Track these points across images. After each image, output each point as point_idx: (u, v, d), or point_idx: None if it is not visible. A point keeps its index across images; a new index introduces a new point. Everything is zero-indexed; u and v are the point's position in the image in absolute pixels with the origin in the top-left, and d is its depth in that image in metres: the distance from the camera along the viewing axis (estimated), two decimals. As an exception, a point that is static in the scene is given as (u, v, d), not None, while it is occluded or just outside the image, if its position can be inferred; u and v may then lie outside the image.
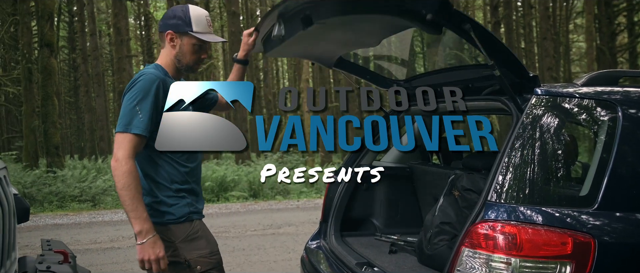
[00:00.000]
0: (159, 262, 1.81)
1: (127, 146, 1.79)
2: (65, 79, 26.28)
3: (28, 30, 13.10)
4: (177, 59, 1.99)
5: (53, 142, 11.60)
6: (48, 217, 8.46)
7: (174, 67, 2.01)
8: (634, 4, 18.16)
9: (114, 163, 1.79)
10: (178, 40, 1.97)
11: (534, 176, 1.64)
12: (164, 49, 2.00)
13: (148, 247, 1.80)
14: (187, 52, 1.98)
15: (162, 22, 1.99)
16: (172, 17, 1.97)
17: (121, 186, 1.78)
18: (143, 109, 1.81)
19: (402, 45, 2.81)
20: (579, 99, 1.82)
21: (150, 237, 1.81)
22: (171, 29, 1.97)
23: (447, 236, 2.17)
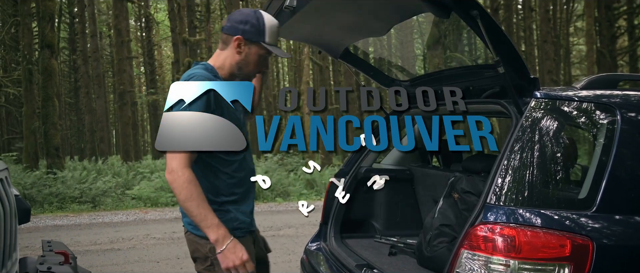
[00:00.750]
0: (245, 265, 1.68)
1: (180, 155, 1.65)
2: (65, 81, 26.30)
3: (29, 32, 13.13)
4: (238, 66, 1.85)
5: (53, 143, 11.61)
6: (48, 218, 8.47)
7: (230, 73, 1.87)
8: (634, 7, 18.19)
9: (169, 176, 1.66)
10: (246, 48, 1.83)
11: (533, 178, 1.65)
12: (224, 52, 1.86)
13: (229, 254, 1.66)
14: (251, 62, 1.85)
15: (230, 24, 1.83)
16: (244, 22, 1.81)
17: (184, 198, 1.65)
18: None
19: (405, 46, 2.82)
20: (578, 103, 1.83)
21: (229, 243, 1.66)
22: (242, 34, 1.81)
23: (446, 238, 2.18)
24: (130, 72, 22.04)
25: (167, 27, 27.29)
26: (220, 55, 1.87)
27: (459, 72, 2.44)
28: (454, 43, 13.95)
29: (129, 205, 10.13)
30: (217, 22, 28.15)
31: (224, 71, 1.87)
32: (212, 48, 25.06)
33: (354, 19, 2.21)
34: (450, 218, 2.21)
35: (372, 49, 25.59)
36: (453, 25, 12.97)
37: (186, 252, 6.00)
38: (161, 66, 35.05)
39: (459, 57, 13.80)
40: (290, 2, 1.98)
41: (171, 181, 1.66)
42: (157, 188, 10.81)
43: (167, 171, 1.67)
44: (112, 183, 11.07)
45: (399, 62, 27.65)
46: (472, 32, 1.79)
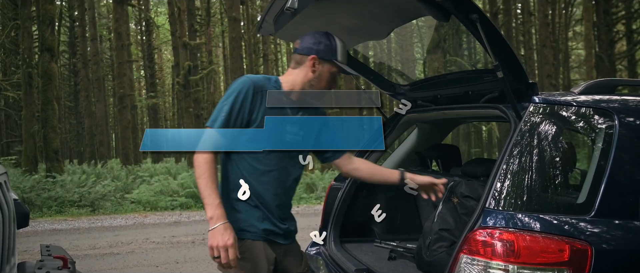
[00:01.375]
0: (227, 249, 1.77)
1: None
2: (65, 84, 26.32)
3: (29, 35, 13.16)
4: (310, 84, 1.97)
5: (52, 147, 11.60)
6: (47, 222, 8.45)
7: (300, 89, 1.98)
8: (632, 12, 18.24)
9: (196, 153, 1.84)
10: (319, 66, 1.95)
11: (532, 183, 1.65)
12: (296, 70, 1.98)
13: (217, 234, 1.77)
14: (323, 80, 1.97)
15: (304, 45, 1.97)
16: (318, 42, 1.95)
17: (198, 174, 1.82)
18: (226, 109, 1.85)
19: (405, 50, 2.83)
20: (577, 107, 1.84)
21: (221, 224, 1.78)
22: (316, 54, 1.94)
23: (446, 242, 2.18)
24: (130, 76, 22.05)
25: (167, 31, 27.34)
26: (292, 73, 2.00)
27: (458, 77, 2.45)
28: (454, 47, 13.97)
29: (128, 209, 10.12)
30: (217, 26, 28.21)
31: (295, 87, 1.98)
32: (213, 52, 25.10)
33: (355, 22, 2.21)
34: (449, 222, 2.21)
35: (372, 53, 25.65)
36: (453, 30, 13.00)
37: (185, 255, 5.97)
38: (161, 70, 35.09)
39: (458, 61, 13.83)
40: (291, 3, 1.99)
41: (195, 158, 1.83)
42: (157, 192, 10.80)
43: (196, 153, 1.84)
44: (111, 186, 11.06)
45: (399, 67, 27.70)
46: (471, 37, 1.79)
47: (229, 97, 1.86)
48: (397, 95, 2.85)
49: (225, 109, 1.85)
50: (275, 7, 2.19)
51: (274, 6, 2.19)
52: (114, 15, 16.90)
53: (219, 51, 31.43)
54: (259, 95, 1.88)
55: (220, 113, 1.85)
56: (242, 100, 1.85)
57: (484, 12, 1.71)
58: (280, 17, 2.22)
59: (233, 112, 1.84)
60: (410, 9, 2.04)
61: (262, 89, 1.89)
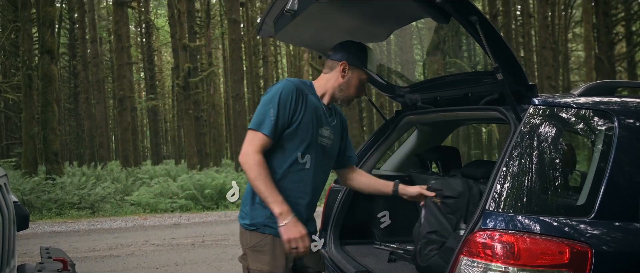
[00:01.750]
0: (303, 239, 1.88)
1: (256, 142, 1.91)
2: (65, 86, 26.33)
3: (29, 37, 13.16)
4: (340, 88, 2.08)
5: (52, 149, 11.60)
6: (46, 224, 8.44)
7: (331, 95, 2.09)
8: (632, 13, 18.26)
9: (243, 158, 1.90)
10: (349, 72, 2.06)
11: (532, 185, 1.65)
12: (327, 75, 2.09)
13: (291, 227, 1.88)
14: (352, 86, 2.08)
15: (337, 51, 2.09)
16: (349, 49, 2.07)
17: (254, 177, 1.89)
18: (273, 112, 1.92)
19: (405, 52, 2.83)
20: (577, 109, 1.84)
21: (291, 218, 1.88)
22: (347, 60, 2.05)
23: (436, 245, 2.18)
24: (130, 78, 22.06)
25: (167, 33, 27.37)
26: (322, 78, 2.11)
27: (457, 79, 2.45)
28: (454, 49, 13.99)
29: (128, 211, 10.11)
30: (217, 28, 28.23)
31: (325, 91, 2.09)
32: (212, 53, 25.11)
33: (354, 24, 2.22)
34: (435, 223, 2.21)
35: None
36: (452, 32, 13.01)
37: (185, 258, 5.97)
38: (161, 72, 35.11)
39: (458, 63, 13.84)
40: (291, 5, 2.00)
41: (243, 162, 1.91)
42: (157, 194, 10.80)
43: (242, 154, 1.92)
44: (111, 189, 11.05)
45: (399, 69, 27.70)
46: (471, 39, 1.80)
47: (273, 101, 1.93)
48: (397, 97, 2.85)
49: (272, 112, 1.91)
50: (275, 9, 2.20)
51: (274, 8, 2.19)
52: (113, 17, 16.91)
53: (219, 53, 31.45)
54: (300, 98, 1.97)
55: (267, 117, 1.91)
56: (286, 103, 1.93)
57: (484, 14, 1.71)
58: (280, 19, 2.22)
59: (279, 115, 1.92)
60: (410, 11, 2.05)
61: (302, 93, 1.98)
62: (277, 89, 1.96)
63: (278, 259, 1.98)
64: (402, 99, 2.83)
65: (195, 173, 13.31)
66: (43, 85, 11.65)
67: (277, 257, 1.97)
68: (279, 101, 1.92)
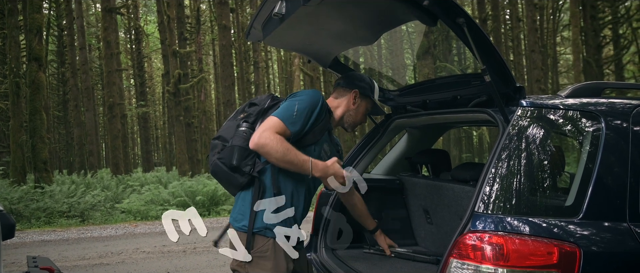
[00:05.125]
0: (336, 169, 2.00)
1: (277, 129, 1.92)
2: (54, 94, 26.09)
3: (16, 44, 13.02)
4: (348, 114, 2.24)
5: (41, 157, 11.47)
6: (35, 233, 8.33)
7: (340, 117, 2.24)
8: (619, 17, 18.52)
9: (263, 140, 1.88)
10: (359, 100, 2.25)
11: (521, 186, 1.65)
12: (337, 100, 2.25)
13: (328, 167, 1.99)
14: (360, 113, 2.27)
15: (349, 80, 2.27)
16: (362, 80, 2.27)
17: (283, 152, 1.89)
18: (301, 111, 1.98)
19: (395, 56, 2.85)
20: (564, 111, 1.85)
21: (330, 163, 2.00)
22: (358, 89, 2.24)
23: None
24: (120, 85, 21.92)
25: (157, 39, 27.28)
26: (335, 101, 2.26)
27: (446, 82, 2.46)
28: (444, 53, 14.06)
29: (118, 218, 10.01)
30: (207, 34, 28.18)
31: (337, 113, 2.24)
32: (203, 59, 25.04)
33: (343, 27, 2.22)
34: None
35: (362, 59, 25.74)
36: (442, 36, 13.09)
37: (176, 265, 5.91)
38: (151, 78, 34.94)
39: (448, 67, 13.92)
40: (279, 9, 2.00)
41: (264, 144, 1.88)
42: (147, 201, 10.70)
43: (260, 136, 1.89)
44: (101, 196, 10.94)
45: (389, 73, 27.81)
46: (461, 42, 1.81)
47: (306, 104, 2.00)
48: (387, 101, 2.85)
49: (304, 114, 1.98)
50: (263, 13, 2.19)
51: (262, 12, 2.18)
52: (102, 23, 16.80)
53: (210, 59, 31.38)
54: (324, 110, 2.09)
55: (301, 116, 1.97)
56: (315, 111, 2.03)
57: (471, 17, 1.72)
58: (268, 23, 2.21)
59: (306, 118, 2.00)
60: (398, 14, 2.05)
61: (325, 106, 2.10)
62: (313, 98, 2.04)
63: (280, 265, 1.96)
64: (392, 102, 2.83)
65: (187, 179, 13.22)
66: (31, 93, 11.53)
67: (279, 264, 1.96)
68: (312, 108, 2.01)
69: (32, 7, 11.83)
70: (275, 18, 2.08)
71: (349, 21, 2.15)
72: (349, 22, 2.16)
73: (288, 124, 1.95)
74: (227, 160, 1.97)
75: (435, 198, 2.80)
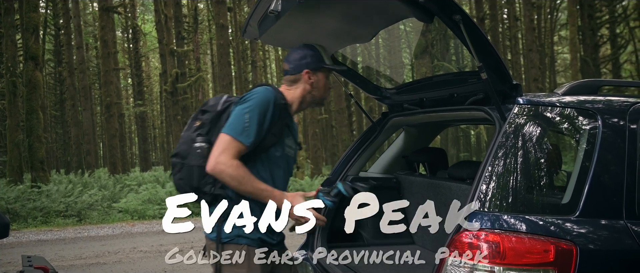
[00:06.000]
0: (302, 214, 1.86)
1: (232, 150, 1.84)
2: (51, 93, 26.01)
3: (12, 44, 12.97)
4: (311, 95, 2.09)
5: (38, 156, 11.43)
6: (32, 233, 8.30)
7: (299, 104, 2.09)
8: (616, 16, 18.55)
9: (219, 167, 1.81)
10: (315, 76, 2.07)
11: (517, 184, 1.65)
12: (292, 88, 2.08)
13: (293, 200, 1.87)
14: (321, 88, 2.10)
15: (293, 65, 2.07)
16: (304, 56, 2.07)
17: (238, 182, 1.82)
18: (252, 120, 1.87)
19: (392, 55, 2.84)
20: (561, 108, 1.84)
21: (287, 198, 1.86)
22: (307, 67, 2.05)
23: None
24: (117, 84, 21.87)
25: (154, 38, 27.22)
26: (289, 91, 2.09)
27: (443, 80, 2.45)
28: (441, 52, 14.06)
29: (115, 218, 9.99)
30: (205, 33, 28.13)
31: (293, 102, 2.08)
32: (200, 59, 25.00)
33: (338, 25, 2.21)
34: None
35: (360, 58, 25.74)
36: (440, 34, 13.09)
37: (173, 265, 5.90)
38: (149, 78, 34.87)
39: (446, 65, 13.92)
40: (274, 6, 1.99)
41: (220, 172, 1.82)
42: (144, 201, 10.68)
43: (214, 163, 1.82)
44: (98, 196, 10.91)
45: (387, 71, 27.82)
46: (458, 41, 1.80)
47: (255, 110, 1.88)
48: (383, 99, 2.84)
49: (256, 122, 1.87)
50: (259, 11, 2.18)
51: (258, 9, 2.17)
52: (100, 23, 16.75)
53: (207, 58, 31.33)
54: (277, 108, 1.95)
55: (253, 125, 1.87)
56: (267, 114, 1.91)
57: (468, 14, 1.71)
58: (264, 20, 2.20)
59: (260, 125, 1.89)
60: (394, 11, 2.04)
61: (278, 103, 1.96)
62: (259, 99, 1.91)
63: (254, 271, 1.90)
64: (389, 100, 2.83)
65: (184, 178, 13.17)
66: (28, 92, 11.50)
67: (253, 270, 1.90)
68: (261, 113, 1.89)
69: (28, 6, 11.78)
70: (271, 15, 2.07)
71: (344, 19, 2.14)
72: (344, 19, 2.15)
73: (241, 139, 1.85)
74: (187, 181, 1.91)
75: (432, 196, 2.79)
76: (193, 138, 1.96)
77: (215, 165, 1.83)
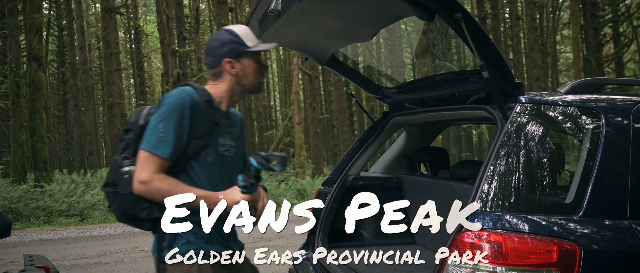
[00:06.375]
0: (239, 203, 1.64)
1: (151, 166, 1.68)
2: (54, 93, 26.07)
3: (16, 44, 13.00)
4: (240, 85, 1.87)
5: (41, 156, 11.45)
6: (34, 233, 8.32)
7: (229, 98, 1.88)
8: (619, 15, 18.48)
9: (140, 188, 1.67)
10: (238, 64, 1.84)
11: (519, 184, 1.63)
12: (218, 81, 1.87)
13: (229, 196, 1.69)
14: (250, 74, 1.86)
15: (212, 57, 1.85)
16: (221, 45, 1.84)
17: (165, 196, 1.63)
18: (167, 129, 1.70)
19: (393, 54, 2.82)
20: (564, 107, 1.83)
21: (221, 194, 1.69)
22: (227, 56, 1.83)
23: None
24: (120, 84, 21.90)
25: (156, 39, 27.24)
26: (216, 87, 1.87)
27: (444, 78, 2.44)
28: (443, 51, 14.03)
29: (117, 218, 10.00)
30: (207, 33, 28.15)
31: (223, 96, 1.87)
32: (202, 59, 25.00)
33: (339, 24, 2.19)
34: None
35: (361, 58, 25.71)
36: (442, 34, 13.06)
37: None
38: (151, 78, 34.91)
39: (447, 65, 13.89)
40: (274, 5, 1.97)
41: (144, 192, 1.67)
42: (147, 201, 10.69)
43: (136, 182, 1.67)
44: (100, 195, 10.92)
45: (388, 70, 27.79)
46: (460, 40, 1.78)
47: (169, 118, 1.71)
48: (384, 98, 2.83)
49: (171, 130, 1.70)
50: (259, 10, 2.17)
51: (258, 9, 2.16)
52: (102, 23, 16.77)
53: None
54: (196, 109, 1.75)
55: (169, 134, 1.69)
56: (183, 118, 1.72)
57: (469, 13, 1.70)
58: (265, 20, 2.19)
59: (177, 132, 1.71)
60: (395, 10, 2.03)
61: (195, 104, 1.76)
62: (172, 105, 1.72)
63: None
64: (390, 100, 2.81)
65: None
66: (31, 92, 11.51)
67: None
68: (176, 120, 1.70)
69: (32, 7, 11.81)
70: (272, 15, 2.06)
71: (344, 18, 2.13)
72: (345, 18, 2.14)
73: (158, 152, 1.68)
74: (123, 211, 1.76)
75: (433, 196, 2.78)
76: (119, 162, 1.78)
77: (137, 186, 1.67)
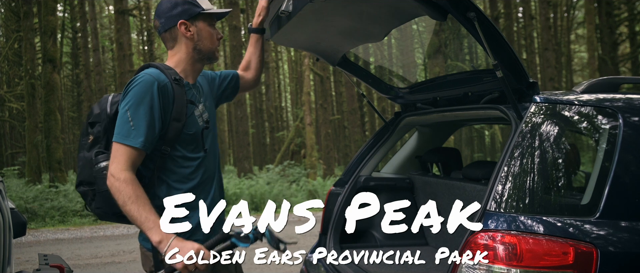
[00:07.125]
0: (200, 253, 1.51)
1: (121, 158, 1.59)
2: (68, 95, 26.42)
3: (31, 47, 13.21)
4: (196, 51, 1.76)
5: (55, 157, 11.60)
6: (49, 232, 8.43)
7: (191, 64, 1.78)
8: (636, 13, 18.19)
9: (111, 180, 1.58)
10: (193, 27, 1.75)
11: (534, 185, 1.61)
12: (175, 48, 1.77)
13: (182, 247, 1.51)
14: (206, 37, 1.77)
15: (164, 19, 1.74)
16: (174, 6, 1.73)
17: (123, 201, 1.54)
18: (137, 117, 1.60)
19: (405, 54, 2.80)
20: (579, 107, 1.80)
21: (173, 238, 1.52)
22: (181, 17, 1.73)
23: None
24: (133, 86, 22.08)
25: (169, 40, 27.41)
26: (175, 55, 1.78)
27: (457, 78, 2.41)
28: (455, 51, 13.93)
29: (130, 218, 10.10)
30: (219, 35, 28.30)
31: (183, 65, 1.78)
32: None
33: (351, 24, 2.18)
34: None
35: (372, 58, 25.66)
36: (454, 34, 12.97)
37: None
38: (163, 79, 35.20)
39: (459, 65, 13.78)
40: (286, 6, 1.97)
41: (110, 185, 1.58)
42: (159, 201, 10.77)
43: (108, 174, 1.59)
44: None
45: (399, 71, 27.67)
46: (472, 40, 1.77)
47: (138, 105, 1.61)
48: (397, 98, 2.82)
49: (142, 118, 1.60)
50: (270, 11, 2.17)
51: (270, 10, 2.16)
52: (115, 25, 16.96)
53: (220, 60, 31.54)
54: (165, 91, 1.66)
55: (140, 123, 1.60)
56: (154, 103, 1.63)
57: (483, 11, 1.68)
58: (276, 21, 2.19)
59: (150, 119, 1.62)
60: (407, 9, 2.01)
61: (163, 85, 1.66)
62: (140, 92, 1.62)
63: None
64: (402, 100, 2.80)
65: (198, 179, 13.25)
66: (46, 94, 11.67)
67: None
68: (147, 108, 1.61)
69: (46, 9, 11.97)
70: (283, 16, 2.05)
71: (356, 17, 2.12)
72: (357, 18, 2.13)
73: (129, 142, 1.59)
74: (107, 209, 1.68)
75: (446, 197, 2.76)
76: (93, 158, 1.69)
77: (109, 179, 1.58)
